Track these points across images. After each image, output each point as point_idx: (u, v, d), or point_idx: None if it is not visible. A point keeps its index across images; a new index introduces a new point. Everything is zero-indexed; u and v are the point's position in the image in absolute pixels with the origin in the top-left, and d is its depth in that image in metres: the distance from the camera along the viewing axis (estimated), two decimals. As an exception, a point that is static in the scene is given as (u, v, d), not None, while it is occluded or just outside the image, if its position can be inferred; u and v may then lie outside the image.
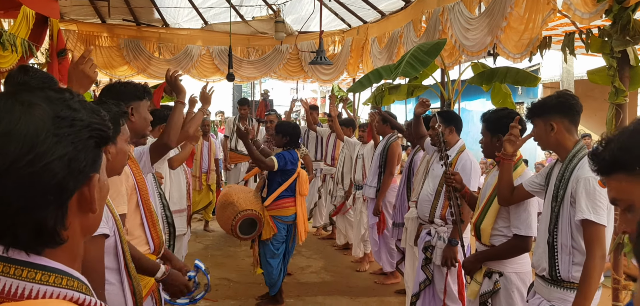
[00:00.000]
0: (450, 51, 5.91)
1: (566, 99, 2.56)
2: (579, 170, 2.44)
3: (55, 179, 0.78)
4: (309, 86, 24.13)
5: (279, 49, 9.11)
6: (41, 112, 0.79)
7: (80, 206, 0.85)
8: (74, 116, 0.81)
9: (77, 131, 0.81)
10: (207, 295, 5.49)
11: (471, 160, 3.84)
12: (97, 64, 8.06)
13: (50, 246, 0.81)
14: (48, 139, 0.77)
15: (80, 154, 0.81)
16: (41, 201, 0.78)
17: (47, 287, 0.78)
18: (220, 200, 5.02)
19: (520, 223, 2.85)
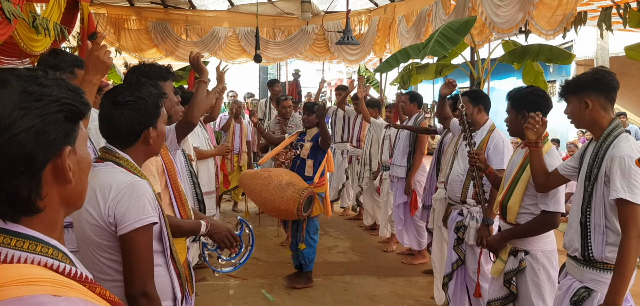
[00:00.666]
0: (480, 28, 5.78)
1: (602, 76, 2.48)
2: (614, 149, 2.37)
3: (23, 150, 0.82)
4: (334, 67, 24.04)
5: (305, 30, 9.07)
6: (9, 89, 0.83)
7: (56, 177, 0.89)
8: (41, 91, 0.85)
9: (44, 105, 0.85)
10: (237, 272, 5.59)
11: (503, 139, 3.76)
12: (126, 47, 8.25)
13: (26, 215, 0.86)
14: (14, 113, 0.81)
15: (49, 127, 0.85)
16: (11, 171, 0.82)
17: (21, 252, 0.82)
18: (272, 182, 4.70)
19: (548, 199, 2.80)
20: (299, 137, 5.19)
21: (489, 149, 3.73)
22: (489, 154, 3.72)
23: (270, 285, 5.18)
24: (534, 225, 2.87)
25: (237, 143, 7.89)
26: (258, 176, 4.84)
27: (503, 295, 3.05)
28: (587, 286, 2.45)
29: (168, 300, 2.00)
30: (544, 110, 2.98)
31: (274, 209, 4.76)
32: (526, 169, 2.91)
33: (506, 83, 15.76)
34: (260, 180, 4.78)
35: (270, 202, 4.70)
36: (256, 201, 4.86)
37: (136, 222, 1.76)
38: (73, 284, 0.84)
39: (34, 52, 3.70)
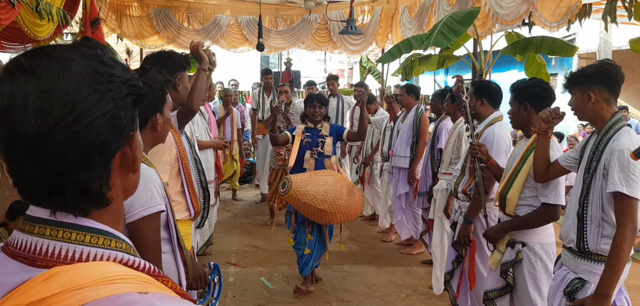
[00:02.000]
0: (483, 20, 5.77)
1: (607, 69, 2.48)
2: (614, 142, 2.38)
3: (99, 138, 0.75)
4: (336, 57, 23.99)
5: (308, 19, 9.04)
6: (79, 68, 0.75)
7: (122, 166, 0.83)
8: (111, 72, 0.78)
9: (116, 87, 0.78)
10: (236, 260, 5.61)
11: (495, 133, 3.59)
12: (127, 34, 8.22)
13: (96, 208, 0.79)
14: (90, 96, 0.74)
15: (121, 112, 0.78)
16: (86, 161, 0.75)
17: (97, 249, 0.76)
18: (343, 188, 4.29)
19: (548, 191, 2.81)
20: (311, 133, 4.63)
21: (480, 139, 3.69)
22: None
23: (269, 273, 5.21)
24: (534, 217, 2.88)
25: (229, 132, 7.87)
26: (319, 184, 4.23)
27: (500, 286, 3.07)
28: (581, 277, 2.47)
29: None
30: (547, 102, 2.98)
31: (347, 215, 4.36)
32: (527, 161, 2.91)
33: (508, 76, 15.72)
34: (325, 188, 4.22)
35: (346, 209, 4.29)
36: (324, 213, 4.26)
37: (144, 210, 1.76)
38: (151, 279, 0.78)
39: (37, 38, 3.70)
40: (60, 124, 0.72)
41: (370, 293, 4.78)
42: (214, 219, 6.01)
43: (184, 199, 2.67)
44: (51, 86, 0.72)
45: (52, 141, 0.72)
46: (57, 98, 0.72)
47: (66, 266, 0.73)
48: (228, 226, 6.89)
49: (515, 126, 3.18)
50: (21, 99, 0.72)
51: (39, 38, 3.75)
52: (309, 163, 4.53)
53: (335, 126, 4.77)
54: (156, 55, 2.76)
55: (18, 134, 0.72)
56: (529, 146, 2.94)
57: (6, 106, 0.72)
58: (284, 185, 4.22)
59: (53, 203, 0.76)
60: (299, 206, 4.29)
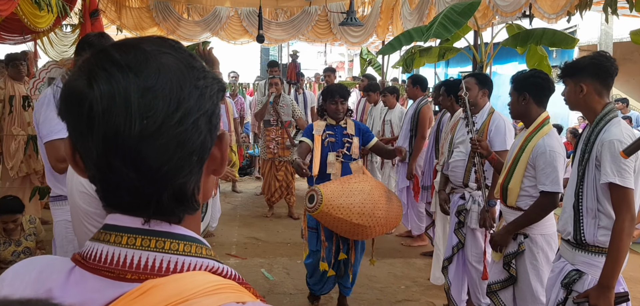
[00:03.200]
0: (484, 11, 5.75)
1: (600, 61, 2.48)
2: (605, 133, 2.39)
3: (200, 138, 0.69)
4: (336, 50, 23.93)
5: (308, 11, 9.02)
6: (175, 62, 0.69)
7: (208, 167, 0.75)
8: (201, 66, 0.72)
9: (210, 82, 0.72)
10: (237, 252, 5.62)
11: (504, 120, 3.79)
12: (127, 25, 8.20)
13: (189, 213, 0.73)
14: (192, 93, 0.68)
15: (216, 109, 0.72)
16: (188, 163, 0.69)
17: (191, 258, 0.70)
18: (382, 196, 3.66)
19: (546, 178, 2.83)
20: (333, 132, 3.92)
21: (491, 131, 3.74)
22: (491, 136, 3.74)
23: (269, 265, 5.23)
24: (535, 211, 2.89)
25: (225, 123, 7.87)
26: (355, 194, 3.53)
27: (503, 278, 3.10)
28: (578, 269, 2.49)
29: None
30: (546, 92, 3.00)
31: (386, 226, 3.73)
32: (525, 150, 2.94)
33: (509, 68, 15.70)
34: (361, 198, 3.52)
35: (385, 220, 3.64)
36: (362, 227, 3.58)
37: None
38: (241, 288, 0.73)
39: (37, 28, 3.70)
40: (167, 124, 0.65)
41: (369, 285, 4.80)
42: (217, 213, 6.03)
43: None
44: (153, 83, 0.66)
45: (158, 143, 0.66)
46: (162, 96, 0.66)
47: (162, 279, 0.66)
48: (228, 218, 6.91)
49: (514, 116, 3.21)
50: (122, 97, 0.64)
51: (38, 29, 3.74)
52: (334, 167, 3.81)
53: (360, 125, 4.08)
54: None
55: (120, 137, 0.65)
56: (528, 135, 2.96)
57: (105, 106, 0.64)
58: (311, 199, 3.45)
59: (148, 210, 0.69)
60: (330, 222, 3.54)
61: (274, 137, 6.71)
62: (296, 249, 5.64)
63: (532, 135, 2.95)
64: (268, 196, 6.94)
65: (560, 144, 2.95)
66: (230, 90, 8.06)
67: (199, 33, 8.78)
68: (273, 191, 6.88)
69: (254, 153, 9.41)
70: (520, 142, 3.01)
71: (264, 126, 6.77)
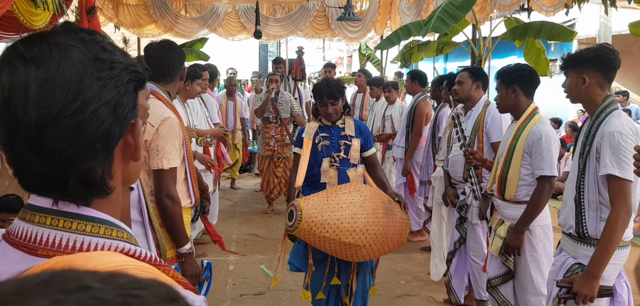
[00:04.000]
0: (482, 5, 5.74)
1: (604, 53, 2.48)
2: (605, 125, 2.39)
3: (102, 127, 0.73)
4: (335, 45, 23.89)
5: (306, 6, 8.99)
6: (80, 55, 0.73)
7: (124, 154, 0.81)
8: (112, 58, 0.76)
9: (118, 73, 0.76)
10: (237, 248, 5.62)
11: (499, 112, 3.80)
12: (124, 23, 8.17)
13: (98, 197, 0.78)
14: (93, 84, 0.72)
15: (124, 99, 0.76)
16: (90, 150, 0.74)
17: (98, 239, 0.75)
18: (379, 208, 2.98)
19: (544, 162, 2.86)
20: (328, 134, 3.30)
21: (487, 122, 3.76)
22: (488, 127, 3.75)
23: (269, 261, 5.22)
24: (537, 199, 2.90)
25: (231, 121, 7.91)
26: (342, 207, 2.90)
27: (503, 272, 3.10)
28: (580, 262, 2.48)
29: None
30: (533, 84, 3.05)
31: (387, 244, 3.03)
32: (519, 139, 2.98)
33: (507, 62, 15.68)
34: (351, 211, 2.89)
35: (384, 236, 2.98)
36: (355, 247, 2.92)
37: None
38: (152, 269, 0.77)
39: (33, 27, 3.68)
40: (64, 113, 0.70)
41: (369, 280, 4.80)
42: (216, 209, 6.03)
43: (186, 187, 2.70)
44: (53, 74, 0.70)
45: (56, 130, 0.70)
46: (60, 86, 0.70)
47: (68, 256, 0.72)
48: (228, 215, 6.91)
49: (503, 110, 3.24)
50: (22, 88, 0.70)
51: (34, 27, 3.72)
52: (328, 176, 3.22)
53: (361, 125, 3.43)
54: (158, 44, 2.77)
55: (20, 124, 0.70)
56: (520, 125, 3.01)
57: (6, 96, 0.71)
58: (290, 216, 2.94)
59: (55, 192, 0.75)
60: (316, 242, 2.96)
61: (273, 134, 6.71)
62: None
63: (525, 124, 3.00)
64: (267, 193, 6.95)
65: (553, 130, 3.01)
66: (229, 87, 8.02)
67: (196, 30, 8.75)
68: (272, 188, 6.88)
69: (253, 150, 9.41)
70: (513, 133, 3.04)
71: (263, 123, 6.77)
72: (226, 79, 8.54)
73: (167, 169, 2.41)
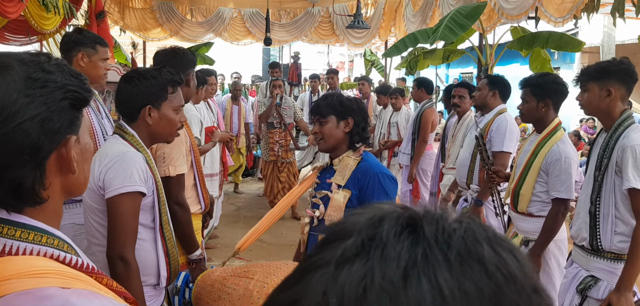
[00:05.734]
0: (489, 14, 5.74)
1: (629, 67, 2.48)
2: (625, 139, 2.38)
3: (28, 139, 0.79)
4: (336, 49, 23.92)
5: (311, 12, 9.01)
6: (13, 74, 0.79)
7: (60, 167, 0.86)
8: (46, 77, 0.82)
9: (49, 92, 0.81)
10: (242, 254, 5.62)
11: (507, 121, 3.78)
12: (130, 26, 8.18)
13: (30, 205, 0.83)
14: (19, 100, 0.78)
15: (54, 115, 0.81)
16: (16, 161, 0.79)
17: (26, 244, 0.80)
18: None
19: (561, 185, 2.80)
20: (320, 176, 2.47)
21: (492, 130, 3.76)
22: (491, 135, 3.75)
23: (275, 267, 5.21)
24: (552, 220, 2.85)
25: (236, 125, 7.91)
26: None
27: None
28: (593, 275, 2.48)
29: (151, 276, 2.03)
30: (564, 98, 2.98)
31: None
32: (538, 155, 2.92)
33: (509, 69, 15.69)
34: None
35: None
36: None
37: (122, 188, 1.84)
38: (80, 275, 0.82)
39: (44, 30, 3.69)
40: None
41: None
42: (218, 212, 6.02)
43: (196, 193, 2.71)
44: None
45: None
46: None
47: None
48: (232, 220, 6.90)
49: (528, 121, 3.13)
50: None
51: (45, 31, 3.74)
52: (302, 237, 2.49)
53: (367, 171, 2.26)
54: (169, 52, 2.78)
55: None
56: (541, 141, 2.93)
57: None
58: None
59: None
60: None
61: (277, 139, 6.71)
62: (301, 251, 5.63)
63: (545, 140, 2.91)
64: (271, 198, 6.94)
65: (574, 150, 2.94)
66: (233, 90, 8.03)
67: (202, 34, 8.77)
68: (276, 193, 6.87)
69: (257, 154, 9.40)
70: (532, 147, 2.97)
71: (267, 128, 6.76)
72: (231, 83, 8.55)
73: (174, 176, 2.41)
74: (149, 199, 1.95)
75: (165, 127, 2.03)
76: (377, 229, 0.40)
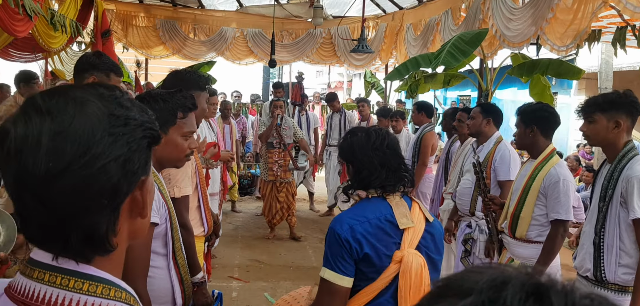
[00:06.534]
0: (490, 40, 5.81)
1: (635, 100, 2.52)
2: (629, 170, 2.41)
3: (110, 182, 0.73)
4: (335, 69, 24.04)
5: (313, 34, 9.09)
6: (95, 110, 0.74)
7: (131, 211, 0.81)
8: (127, 114, 0.77)
9: (131, 130, 0.76)
10: (239, 275, 5.58)
11: (509, 149, 3.83)
12: (133, 44, 8.22)
13: (100, 254, 0.78)
14: (104, 139, 0.72)
15: (135, 155, 0.76)
16: (96, 205, 0.73)
17: (95, 298, 0.75)
18: None
19: (560, 207, 2.83)
20: None
21: (496, 160, 3.77)
22: (496, 165, 3.77)
23: (273, 288, 5.18)
24: (551, 243, 2.88)
25: (227, 144, 7.92)
26: None
27: None
28: None
29: (167, 304, 2.01)
30: (553, 125, 3.04)
31: None
32: (536, 179, 2.96)
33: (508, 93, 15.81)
34: None
35: None
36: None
37: None
38: None
39: (51, 48, 3.71)
40: (72, 166, 0.70)
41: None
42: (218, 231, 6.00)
43: (199, 215, 2.70)
44: (65, 127, 0.71)
45: (62, 183, 0.71)
46: (71, 140, 0.71)
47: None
48: (230, 239, 6.86)
49: (520, 147, 3.24)
50: (34, 140, 0.70)
51: (52, 49, 3.76)
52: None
53: None
54: (175, 73, 2.79)
55: (28, 175, 0.71)
56: (537, 165, 2.99)
57: (18, 146, 0.71)
58: None
59: (57, 246, 0.75)
60: None
61: (276, 159, 6.72)
62: (299, 273, 5.60)
63: (542, 165, 2.98)
64: (269, 218, 6.92)
65: (570, 174, 3.01)
66: (234, 110, 8.10)
67: (204, 53, 8.82)
68: (274, 213, 6.86)
69: (256, 173, 9.40)
70: (529, 172, 3.03)
71: (266, 147, 6.77)
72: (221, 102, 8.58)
73: (178, 197, 2.39)
74: (162, 227, 1.91)
75: (172, 152, 1.97)
76: (500, 293, 0.39)
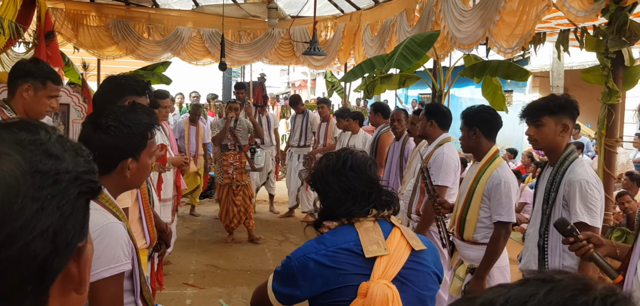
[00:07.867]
0: (442, 42, 5.89)
1: (576, 102, 2.58)
2: (571, 174, 2.47)
3: (36, 262, 0.56)
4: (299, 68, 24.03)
5: (271, 34, 9.02)
6: (12, 168, 0.55)
7: (64, 287, 0.62)
8: (57, 167, 0.58)
9: (63, 189, 0.58)
10: (194, 281, 5.48)
11: (446, 154, 3.80)
12: (84, 44, 7.95)
13: None
14: (26, 208, 0.54)
15: (69, 222, 0.59)
16: (18, 295, 0.56)
17: None
18: None
19: (502, 208, 2.90)
20: None
21: (430, 163, 3.81)
22: (430, 167, 3.79)
23: (228, 294, 5.12)
24: (494, 244, 2.93)
25: (193, 146, 7.84)
26: None
27: None
28: None
29: None
30: (495, 127, 3.10)
31: None
32: (480, 182, 3.03)
33: (465, 91, 16.17)
34: None
35: None
36: None
37: (106, 270, 1.58)
38: None
39: (-15, 53, 3.53)
40: None
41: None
42: (173, 237, 5.88)
43: (141, 227, 2.61)
44: None
45: None
46: None
47: None
48: (186, 244, 6.73)
49: (465, 150, 3.30)
50: None
51: (-13, 53, 3.58)
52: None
53: None
54: (109, 78, 2.67)
55: None
56: (481, 167, 3.05)
57: None
58: None
59: None
60: None
61: (232, 161, 6.63)
62: (257, 277, 5.55)
63: (485, 167, 3.04)
64: (226, 222, 6.82)
65: (512, 175, 3.08)
66: (192, 112, 8.00)
67: (159, 53, 8.61)
68: (231, 217, 6.76)
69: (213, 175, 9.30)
70: (474, 175, 3.08)
71: (220, 150, 6.67)
72: (191, 104, 8.45)
73: None
74: (130, 267, 1.75)
75: (142, 176, 1.85)
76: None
